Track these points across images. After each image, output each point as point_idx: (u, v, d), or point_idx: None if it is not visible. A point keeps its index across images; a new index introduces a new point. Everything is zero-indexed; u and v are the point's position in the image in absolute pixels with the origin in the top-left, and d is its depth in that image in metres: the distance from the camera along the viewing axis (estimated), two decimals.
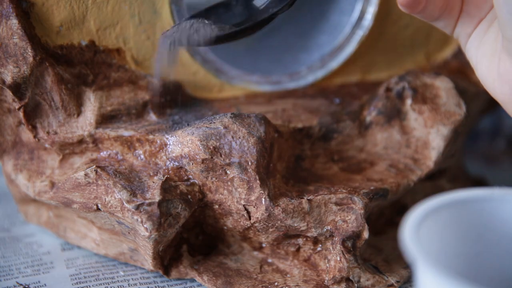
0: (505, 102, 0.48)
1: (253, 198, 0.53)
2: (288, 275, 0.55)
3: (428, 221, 0.40)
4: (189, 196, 0.53)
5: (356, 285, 0.53)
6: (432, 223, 0.40)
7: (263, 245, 0.56)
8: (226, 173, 0.53)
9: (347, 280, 0.53)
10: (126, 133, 0.55)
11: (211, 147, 0.52)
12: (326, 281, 0.54)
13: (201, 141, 0.52)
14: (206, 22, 0.52)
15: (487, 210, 0.42)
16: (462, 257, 0.42)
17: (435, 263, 0.37)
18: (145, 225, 0.51)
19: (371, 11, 0.63)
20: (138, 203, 0.51)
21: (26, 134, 0.57)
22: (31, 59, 0.53)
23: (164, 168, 0.54)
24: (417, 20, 0.65)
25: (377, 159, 0.59)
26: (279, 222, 0.53)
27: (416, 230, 0.38)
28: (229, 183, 0.53)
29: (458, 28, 0.51)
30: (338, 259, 0.53)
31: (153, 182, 0.53)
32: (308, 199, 0.53)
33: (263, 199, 0.52)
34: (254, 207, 0.53)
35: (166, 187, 0.53)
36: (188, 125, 0.55)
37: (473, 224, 0.42)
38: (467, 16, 0.50)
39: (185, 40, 0.52)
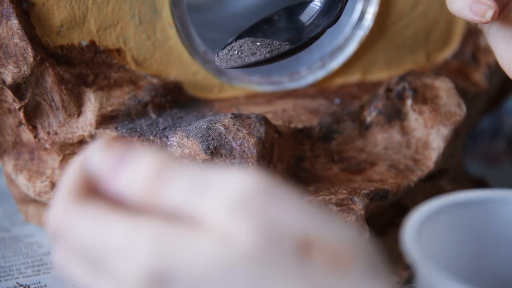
0: None
1: None
2: None
3: (429, 223, 0.40)
4: None
5: None
6: (433, 225, 0.40)
7: None
8: None
9: None
10: (127, 133, 0.55)
11: (212, 147, 0.52)
12: None
13: (201, 142, 0.52)
14: (258, 42, 0.53)
15: (487, 212, 0.42)
16: (462, 258, 0.42)
17: (436, 267, 0.36)
18: None
19: (371, 11, 0.63)
20: None
21: (26, 135, 0.57)
22: (31, 59, 0.53)
23: None
24: (417, 20, 0.65)
25: (377, 159, 0.59)
26: None
27: (417, 233, 0.38)
28: None
29: None
30: None
31: None
32: (308, 200, 0.53)
33: None
34: None
35: None
36: (188, 125, 0.55)
37: (473, 225, 0.42)
38: None
39: (239, 62, 0.53)
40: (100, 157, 0.32)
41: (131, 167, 0.31)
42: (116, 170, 0.32)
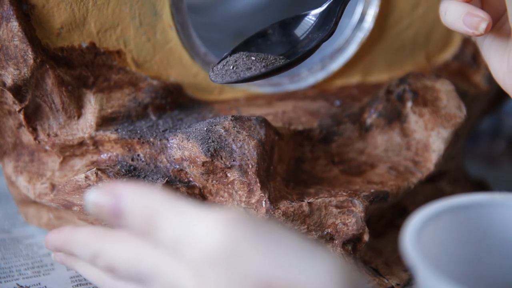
0: None
1: (253, 201, 0.53)
2: None
3: (429, 226, 0.40)
4: (190, 199, 0.53)
5: None
6: (433, 229, 0.40)
7: None
8: (226, 176, 0.53)
9: None
10: (127, 135, 0.55)
11: (212, 150, 0.52)
12: None
13: (201, 144, 0.52)
14: (253, 57, 0.53)
15: (487, 215, 0.42)
16: (462, 262, 0.42)
17: (436, 272, 0.37)
18: None
19: (372, 13, 0.63)
20: None
21: (26, 136, 0.57)
22: (31, 61, 0.53)
23: (164, 170, 0.54)
24: (418, 22, 0.65)
25: (377, 161, 0.59)
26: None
27: (417, 237, 0.38)
28: (229, 185, 0.53)
29: None
30: None
31: (153, 185, 0.53)
32: (308, 202, 0.53)
33: (264, 202, 0.52)
34: (254, 210, 0.53)
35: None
36: (188, 127, 0.55)
37: (473, 229, 0.42)
38: None
39: (234, 77, 0.53)
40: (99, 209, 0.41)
41: (127, 216, 0.40)
42: (116, 219, 0.41)
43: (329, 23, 0.54)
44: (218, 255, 0.36)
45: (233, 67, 0.53)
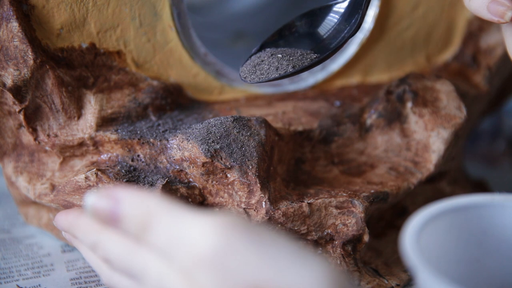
0: None
1: (253, 201, 0.53)
2: None
3: (429, 227, 0.40)
4: (190, 199, 0.53)
5: None
6: (433, 229, 0.40)
7: None
8: (226, 176, 0.53)
9: None
10: (127, 136, 0.55)
11: (212, 150, 0.52)
12: None
13: (201, 145, 0.52)
14: (280, 54, 0.53)
15: (487, 216, 0.42)
16: (462, 262, 0.42)
17: (435, 272, 0.37)
18: None
19: (372, 13, 0.63)
20: None
21: (26, 137, 0.57)
22: (31, 62, 0.53)
23: (164, 171, 0.54)
24: (418, 22, 0.65)
25: (377, 162, 0.59)
26: (279, 225, 0.53)
27: (417, 238, 0.38)
28: (229, 186, 0.53)
29: None
30: (338, 262, 0.53)
31: (154, 185, 0.53)
32: (308, 203, 0.53)
33: (264, 203, 0.52)
34: (254, 210, 0.53)
35: (167, 190, 0.53)
36: (188, 128, 0.55)
37: (473, 230, 0.42)
38: None
39: (262, 77, 0.53)
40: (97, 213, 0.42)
41: (124, 220, 0.41)
42: (114, 223, 0.41)
43: (355, 15, 0.53)
44: (209, 258, 0.37)
45: (260, 66, 0.53)
